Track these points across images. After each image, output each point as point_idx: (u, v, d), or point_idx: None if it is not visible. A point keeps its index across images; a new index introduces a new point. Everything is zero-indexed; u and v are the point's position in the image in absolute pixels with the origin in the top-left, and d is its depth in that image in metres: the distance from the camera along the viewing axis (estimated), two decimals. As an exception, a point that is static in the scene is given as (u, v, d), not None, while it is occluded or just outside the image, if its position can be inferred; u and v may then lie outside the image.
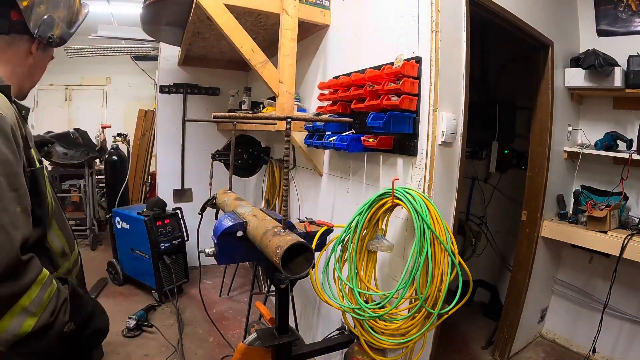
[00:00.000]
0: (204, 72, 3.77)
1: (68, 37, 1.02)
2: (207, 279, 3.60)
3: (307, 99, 2.41)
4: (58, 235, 0.96)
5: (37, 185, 0.86)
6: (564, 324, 2.66)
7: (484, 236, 3.24)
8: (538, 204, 2.32)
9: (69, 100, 5.82)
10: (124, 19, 4.24)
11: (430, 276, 1.23)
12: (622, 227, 2.17)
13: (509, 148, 3.05)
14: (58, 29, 0.96)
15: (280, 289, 1.43)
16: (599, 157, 2.35)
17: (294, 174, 2.65)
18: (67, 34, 1.01)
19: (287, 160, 1.23)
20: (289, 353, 1.48)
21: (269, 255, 1.14)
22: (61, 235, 0.98)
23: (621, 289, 2.29)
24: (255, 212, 1.46)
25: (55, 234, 0.95)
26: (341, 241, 1.51)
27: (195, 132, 3.80)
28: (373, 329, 1.38)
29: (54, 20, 0.94)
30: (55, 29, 0.95)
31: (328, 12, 2.17)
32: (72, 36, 1.04)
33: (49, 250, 0.92)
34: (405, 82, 1.46)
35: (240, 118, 1.48)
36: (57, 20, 0.96)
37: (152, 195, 4.32)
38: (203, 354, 2.42)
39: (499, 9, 1.79)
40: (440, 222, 1.27)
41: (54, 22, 0.95)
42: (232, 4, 1.91)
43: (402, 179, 1.57)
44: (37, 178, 0.86)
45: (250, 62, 1.94)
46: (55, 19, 0.95)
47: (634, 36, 2.27)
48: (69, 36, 1.02)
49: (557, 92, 2.30)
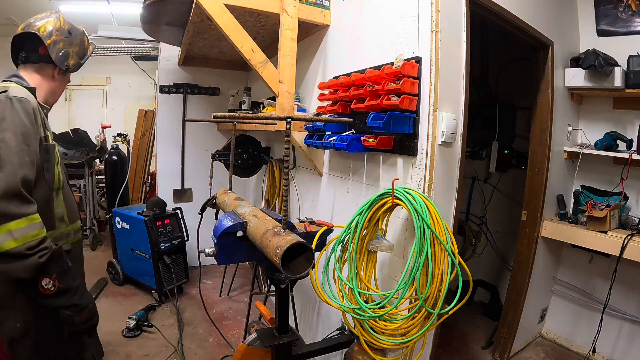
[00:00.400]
0: (204, 72, 3.77)
1: (79, 66, 1.42)
2: (207, 279, 3.60)
3: (307, 99, 2.41)
4: (62, 204, 1.27)
5: (48, 156, 1.19)
6: (564, 324, 2.66)
7: (484, 236, 3.24)
8: (538, 204, 2.32)
9: (69, 100, 5.82)
10: (124, 19, 4.24)
11: (430, 276, 1.23)
12: (622, 227, 2.17)
13: (509, 148, 3.05)
14: (72, 59, 1.37)
15: (280, 289, 1.43)
16: (599, 157, 2.35)
17: (294, 174, 2.65)
18: (79, 64, 1.42)
19: (287, 160, 1.23)
20: (289, 353, 1.48)
21: (269, 255, 1.14)
22: (64, 206, 1.27)
23: (621, 289, 2.29)
24: (255, 212, 1.46)
25: (59, 203, 1.25)
26: (341, 241, 1.51)
27: (195, 132, 3.80)
28: (373, 329, 1.38)
29: (69, 54, 1.34)
30: (70, 59, 1.36)
31: (328, 12, 2.17)
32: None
33: (51, 212, 1.21)
34: (405, 82, 1.46)
35: (240, 118, 1.48)
36: (72, 54, 1.36)
37: (152, 195, 4.32)
38: (203, 354, 2.42)
39: (499, 9, 1.79)
40: (440, 222, 1.27)
41: (69, 55, 1.35)
42: (232, 4, 1.91)
43: (402, 179, 1.57)
44: (49, 151, 1.20)
45: (250, 62, 1.94)
46: (70, 53, 1.35)
47: (634, 36, 2.27)
48: (79, 66, 1.42)
49: (557, 92, 2.30)
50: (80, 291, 1.14)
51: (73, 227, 1.33)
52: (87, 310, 1.15)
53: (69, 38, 1.33)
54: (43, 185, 1.16)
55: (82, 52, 1.42)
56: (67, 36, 1.33)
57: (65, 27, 1.33)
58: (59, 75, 1.35)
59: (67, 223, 1.29)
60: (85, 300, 1.15)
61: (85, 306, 1.15)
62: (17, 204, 0.99)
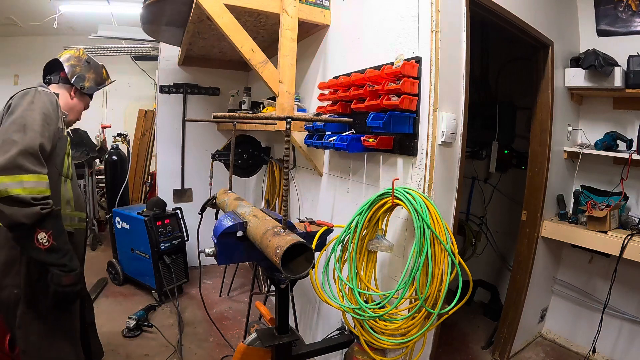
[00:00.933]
0: (204, 72, 3.77)
1: (94, 90, 1.68)
2: (207, 279, 3.60)
3: (307, 99, 2.41)
4: (69, 192, 1.47)
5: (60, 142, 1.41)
6: (564, 324, 2.66)
7: (484, 236, 3.24)
8: (538, 204, 2.32)
9: (69, 100, 5.82)
10: (124, 19, 4.24)
11: (430, 276, 1.23)
12: (622, 227, 2.17)
13: (509, 148, 3.05)
14: (88, 83, 1.63)
15: (280, 289, 1.43)
16: (599, 157, 2.35)
17: (294, 174, 2.65)
18: (94, 88, 1.67)
19: (287, 160, 1.23)
20: (289, 353, 1.48)
21: (269, 255, 1.14)
22: (71, 194, 1.48)
23: (621, 289, 2.29)
24: (255, 212, 1.46)
25: (67, 189, 1.45)
26: (341, 241, 1.51)
27: (195, 132, 3.80)
28: (373, 329, 1.38)
29: (85, 77, 1.60)
30: (85, 82, 1.62)
31: (328, 12, 2.17)
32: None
33: (58, 193, 1.39)
34: (405, 82, 1.46)
35: (240, 118, 1.48)
36: (88, 78, 1.62)
37: (152, 195, 4.32)
38: (203, 354, 2.42)
39: (499, 9, 1.79)
40: (440, 222, 1.27)
41: (85, 78, 1.61)
42: (232, 4, 1.91)
43: (402, 179, 1.57)
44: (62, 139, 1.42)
45: (250, 62, 1.94)
46: (86, 76, 1.61)
47: (634, 36, 2.27)
48: (94, 90, 1.68)
49: (557, 92, 2.30)
50: (70, 255, 1.28)
51: (78, 215, 1.51)
52: (75, 274, 1.28)
53: (86, 66, 1.62)
54: (52, 166, 1.35)
55: (100, 80, 1.68)
56: (85, 64, 1.62)
57: (83, 57, 1.63)
58: (76, 94, 1.62)
59: (73, 208, 1.47)
60: (74, 264, 1.29)
61: (74, 269, 1.28)
62: (32, 162, 1.20)
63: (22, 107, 1.28)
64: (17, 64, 5.46)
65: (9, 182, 1.14)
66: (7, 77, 5.50)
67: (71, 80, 1.57)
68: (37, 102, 1.31)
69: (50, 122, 1.32)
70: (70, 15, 4.33)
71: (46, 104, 1.33)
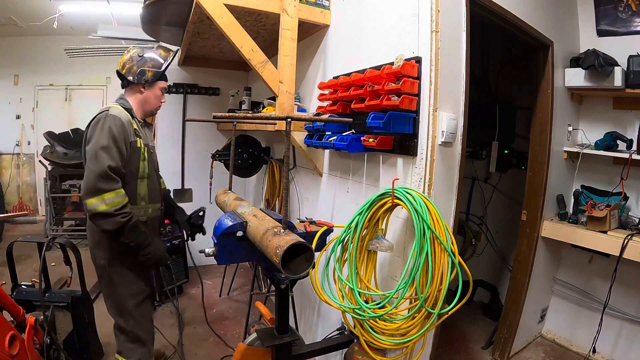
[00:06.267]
0: (204, 72, 3.77)
1: (159, 74, 1.79)
2: (207, 279, 3.60)
3: (307, 99, 2.41)
4: (145, 189, 1.73)
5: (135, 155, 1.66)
6: (564, 324, 2.67)
7: (484, 236, 3.24)
8: (538, 204, 2.32)
9: (69, 101, 5.81)
10: (124, 19, 4.23)
11: (430, 276, 1.23)
12: (622, 227, 2.17)
13: (509, 148, 3.05)
14: (149, 73, 1.75)
15: (280, 289, 1.43)
16: (599, 157, 2.35)
17: (294, 174, 2.65)
18: (158, 72, 1.78)
19: (287, 160, 1.23)
20: (289, 353, 1.48)
21: (269, 255, 1.14)
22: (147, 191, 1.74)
23: (621, 289, 2.29)
24: (255, 212, 1.46)
25: (143, 187, 1.72)
26: (341, 241, 1.51)
27: (195, 132, 3.80)
28: (373, 329, 1.38)
29: (144, 71, 1.74)
30: (147, 74, 1.74)
31: (328, 12, 2.17)
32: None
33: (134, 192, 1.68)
34: (405, 82, 1.46)
35: (240, 118, 1.48)
36: (147, 70, 1.74)
37: (152, 195, 4.31)
38: (203, 354, 2.42)
39: (499, 9, 1.79)
40: (440, 222, 1.27)
41: (145, 72, 1.74)
42: (232, 4, 1.91)
43: (402, 179, 1.57)
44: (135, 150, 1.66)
45: (250, 62, 1.94)
46: (145, 70, 1.74)
47: (634, 36, 2.27)
48: (160, 74, 1.79)
49: (557, 92, 2.30)
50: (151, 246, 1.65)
51: (152, 206, 1.79)
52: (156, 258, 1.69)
53: (141, 60, 1.74)
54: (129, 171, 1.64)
55: (159, 63, 1.79)
56: (139, 59, 1.74)
57: (135, 55, 1.75)
58: (145, 87, 1.77)
59: (147, 202, 1.75)
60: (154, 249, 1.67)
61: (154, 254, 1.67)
62: (106, 182, 1.49)
63: (94, 137, 1.55)
64: (17, 64, 5.46)
65: (95, 202, 1.48)
66: (7, 77, 5.50)
67: (135, 81, 1.73)
68: (105, 127, 1.56)
69: (118, 141, 1.56)
70: (70, 15, 4.33)
71: (112, 127, 1.56)
